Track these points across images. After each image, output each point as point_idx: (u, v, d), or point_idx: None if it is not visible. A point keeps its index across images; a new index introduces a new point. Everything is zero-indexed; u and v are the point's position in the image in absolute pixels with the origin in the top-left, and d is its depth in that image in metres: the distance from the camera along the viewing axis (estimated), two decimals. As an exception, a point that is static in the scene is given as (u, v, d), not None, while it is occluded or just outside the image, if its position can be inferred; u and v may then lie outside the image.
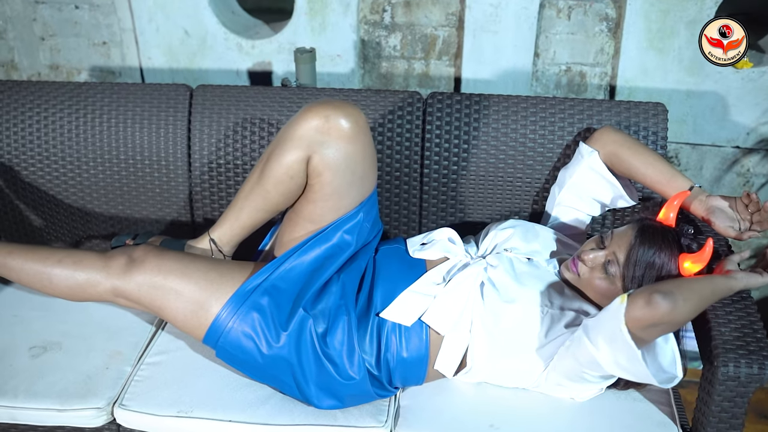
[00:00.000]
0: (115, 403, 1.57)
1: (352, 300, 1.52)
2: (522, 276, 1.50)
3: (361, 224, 1.55)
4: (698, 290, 1.33)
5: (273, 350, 1.46)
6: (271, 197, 1.54)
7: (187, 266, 1.50)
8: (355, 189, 1.52)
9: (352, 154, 1.48)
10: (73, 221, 2.00)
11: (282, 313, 1.47)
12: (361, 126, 1.49)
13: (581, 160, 1.66)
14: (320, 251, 1.53)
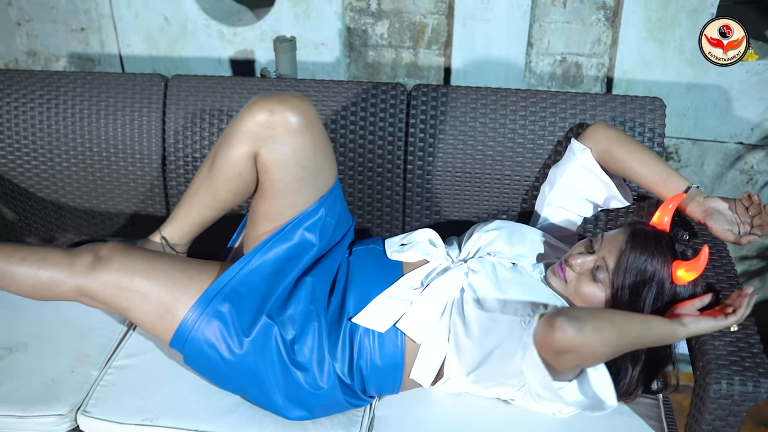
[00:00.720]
0: (78, 409, 1.50)
1: (323, 305, 1.44)
2: (504, 283, 1.42)
3: (323, 221, 1.47)
4: (619, 325, 1.24)
5: (236, 358, 1.39)
6: (220, 194, 1.47)
7: (153, 267, 1.43)
8: (309, 185, 1.44)
9: (300, 149, 1.40)
10: (46, 215, 1.93)
11: (244, 320, 1.40)
12: (309, 119, 1.41)
13: (573, 158, 1.57)
14: (281, 251, 1.45)
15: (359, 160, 1.75)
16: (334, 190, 1.50)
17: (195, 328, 1.38)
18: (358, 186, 1.78)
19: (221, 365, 1.40)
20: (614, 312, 1.29)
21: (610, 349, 1.23)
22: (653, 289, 1.34)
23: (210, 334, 1.39)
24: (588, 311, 1.25)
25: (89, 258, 1.44)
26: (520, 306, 1.38)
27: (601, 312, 1.27)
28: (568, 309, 1.25)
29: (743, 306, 1.27)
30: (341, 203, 1.55)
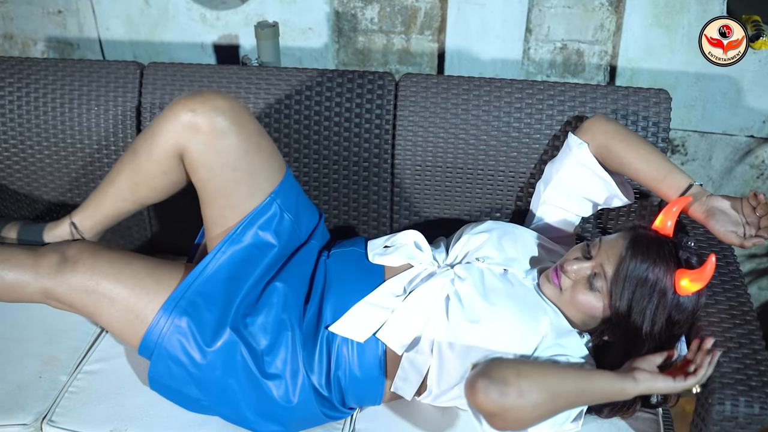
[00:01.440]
0: (44, 418, 1.43)
1: (296, 313, 1.35)
2: (492, 293, 1.32)
3: (278, 218, 1.38)
4: (552, 387, 1.14)
5: (202, 372, 1.31)
6: (139, 190, 1.39)
7: (122, 270, 1.35)
8: (247, 185, 1.35)
9: (226, 150, 1.31)
10: (20, 206, 1.85)
11: (205, 332, 1.31)
12: (233, 118, 1.31)
13: (569, 154, 1.47)
14: (235, 255, 1.36)
15: (344, 153, 1.65)
16: (284, 185, 1.40)
17: (162, 335, 1.31)
18: (343, 181, 1.68)
19: (188, 380, 1.32)
20: (547, 370, 1.18)
21: (540, 413, 1.13)
22: (654, 299, 1.24)
23: (175, 343, 1.31)
24: (516, 370, 1.13)
25: (55, 258, 1.36)
26: (507, 318, 1.28)
27: (531, 370, 1.15)
28: (495, 366, 1.14)
29: (704, 366, 1.17)
30: (299, 198, 1.45)
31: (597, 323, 1.31)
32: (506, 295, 1.32)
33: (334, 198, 1.71)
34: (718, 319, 1.28)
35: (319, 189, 1.70)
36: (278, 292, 1.36)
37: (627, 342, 1.28)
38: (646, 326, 1.25)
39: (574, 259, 1.32)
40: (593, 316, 1.30)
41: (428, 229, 1.68)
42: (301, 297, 1.37)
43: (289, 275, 1.39)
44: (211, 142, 1.31)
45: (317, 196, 1.71)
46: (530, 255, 1.44)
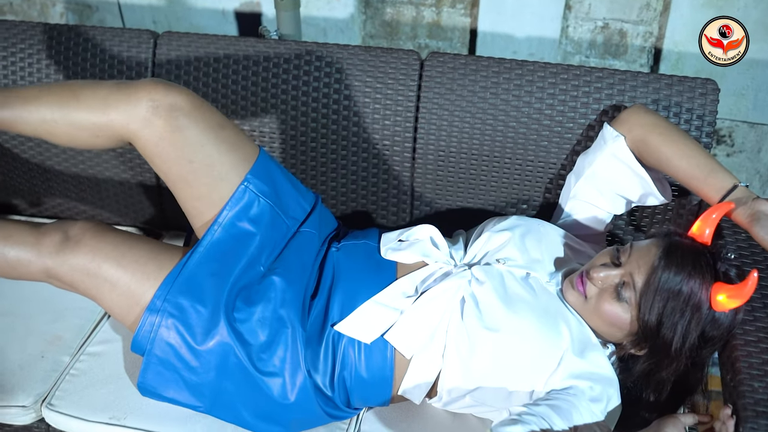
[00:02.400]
0: (43, 401, 1.39)
1: (296, 309, 1.28)
2: (513, 299, 1.24)
3: (255, 205, 1.31)
4: None
5: (196, 374, 1.26)
6: (59, 130, 1.28)
7: (124, 254, 1.29)
8: (207, 177, 1.29)
9: (181, 143, 1.26)
10: (32, 177, 1.80)
11: (196, 332, 1.25)
12: (192, 116, 1.27)
13: (603, 146, 1.36)
14: (214, 250, 1.29)
15: (364, 135, 1.56)
16: (257, 171, 1.33)
17: (155, 328, 1.25)
18: (362, 164, 1.60)
19: (181, 386, 1.27)
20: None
21: None
22: (687, 314, 1.14)
23: (166, 342, 1.26)
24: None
25: (58, 238, 1.30)
26: (528, 329, 1.20)
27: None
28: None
29: None
30: (279, 182, 1.37)
31: (623, 336, 1.22)
32: (528, 302, 1.23)
33: (352, 181, 1.62)
34: (756, 338, 1.18)
35: (337, 171, 1.62)
36: (275, 286, 1.28)
37: (654, 357, 1.20)
38: (676, 342, 1.16)
39: (602, 266, 1.22)
40: (619, 328, 1.21)
41: (449, 219, 1.61)
42: (300, 292, 1.30)
43: (286, 268, 1.32)
44: (165, 136, 1.25)
45: (334, 178, 1.63)
46: (555, 256, 1.34)
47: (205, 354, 1.25)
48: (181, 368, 1.26)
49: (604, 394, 1.18)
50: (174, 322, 1.24)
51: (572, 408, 1.14)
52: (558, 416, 1.11)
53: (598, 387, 1.18)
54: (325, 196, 1.65)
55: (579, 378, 1.18)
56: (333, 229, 1.48)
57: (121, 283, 1.28)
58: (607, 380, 1.20)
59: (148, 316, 1.25)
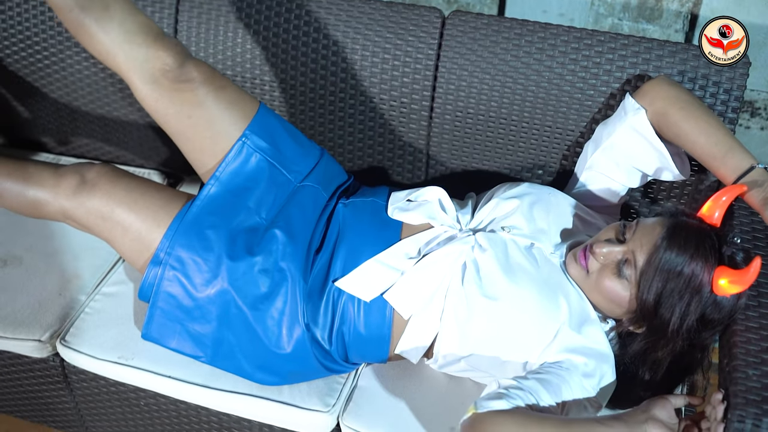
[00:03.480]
0: (58, 337, 1.45)
1: (298, 263, 1.29)
2: (514, 269, 1.23)
3: (253, 160, 1.34)
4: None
5: (198, 322, 1.29)
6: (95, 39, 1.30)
7: (137, 200, 1.33)
8: (207, 131, 1.33)
9: (179, 101, 1.31)
10: (60, 117, 1.84)
11: (197, 281, 1.28)
12: (200, 81, 1.31)
13: (624, 118, 1.32)
14: (210, 203, 1.32)
15: (381, 91, 1.55)
16: (256, 126, 1.35)
17: (155, 288, 1.29)
18: (379, 120, 1.58)
19: (184, 335, 1.31)
20: (551, 425, 1.05)
21: None
22: (686, 296, 1.13)
23: (169, 289, 1.29)
24: (516, 423, 1.04)
25: (75, 180, 1.34)
26: (527, 301, 1.20)
27: (533, 424, 1.04)
28: (493, 419, 1.05)
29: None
30: (280, 136, 1.38)
31: (622, 312, 1.21)
32: (529, 273, 1.23)
33: (369, 137, 1.62)
34: (758, 324, 1.15)
35: (354, 126, 1.61)
36: (277, 240, 1.30)
37: (651, 337, 1.19)
38: (673, 323, 1.14)
39: (606, 241, 1.20)
40: (618, 305, 1.20)
41: (463, 180, 1.59)
42: (303, 245, 1.31)
43: (287, 222, 1.33)
44: (164, 95, 1.29)
45: (351, 133, 1.62)
46: (563, 227, 1.33)
47: (207, 304, 1.28)
48: (184, 319, 1.29)
49: (598, 370, 1.18)
50: (175, 275, 1.27)
51: (563, 383, 1.14)
52: (546, 391, 1.12)
53: (592, 362, 1.18)
54: (341, 150, 1.65)
55: (574, 352, 1.18)
56: (342, 182, 1.48)
57: (132, 228, 1.32)
58: (603, 356, 1.20)
59: (151, 268, 1.28)
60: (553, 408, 1.11)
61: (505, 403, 1.06)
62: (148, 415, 1.49)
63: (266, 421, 1.35)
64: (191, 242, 1.28)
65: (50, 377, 1.52)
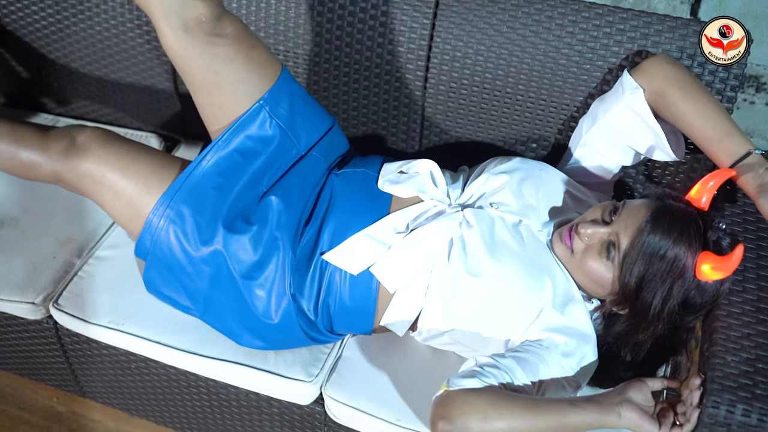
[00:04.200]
0: (52, 300, 1.48)
1: (289, 233, 1.30)
2: (499, 246, 1.23)
3: (268, 126, 1.32)
4: (531, 425, 1.04)
5: (191, 279, 1.30)
6: None
7: (128, 165, 1.32)
8: (231, 90, 1.30)
9: (210, 55, 1.27)
10: (59, 77, 1.84)
11: (193, 240, 1.28)
12: (234, 40, 1.28)
13: (621, 96, 1.29)
14: (219, 162, 1.30)
15: (377, 59, 1.52)
16: (276, 92, 1.32)
17: (155, 234, 1.29)
18: (374, 89, 1.57)
19: (178, 288, 1.32)
20: (521, 411, 1.05)
21: None
22: (668, 280, 1.12)
23: (164, 248, 1.30)
24: (483, 415, 1.03)
25: (65, 143, 1.34)
26: (510, 279, 1.20)
27: (500, 416, 1.04)
28: (460, 407, 1.05)
29: (692, 421, 1.07)
30: (297, 105, 1.36)
31: (605, 293, 1.21)
32: (514, 251, 1.22)
33: (363, 105, 1.60)
34: (740, 310, 1.15)
35: (348, 94, 1.59)
36: (272, 208, 1.30)
37: (634, 319, 1.18)
38: (655, 307, 1.14)
39: (591, 221, 1.19)
40: (602, 286, 1.20)
41: (458, 150, 1.58)
42: (296, 216, 1.31)
43: (286, 191, 1.33)
44: (195, 45, 1.26)
45: (346, 101, 1.61)
46: (553, 204, 1.31)
47: (200, 263, 1.29)
48: (179, 272, 1.30)
49: (578, 350, 1.18)
50: (174, 228, 1.28)
51: (540, 361, 1.15)
52: (522, 370, 1.12)
53: (573, 342, 1.18)
54: (336, 117, 1.64)
55: (555, 332, 1.18)
56: (342, 153, 1.48)
57: (124, 193, 1.31)
58: (584, 336, 1.20)
59: (151, 219, 1.28)
60: (528, 387, 1.12)
61: (477, 382, 1.07)
62: (139, 377, 1.52)
63: (251, 388, 1.37)
64: (195, 199, 1.28)
65: (44, 338, 1.55)
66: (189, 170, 1.29)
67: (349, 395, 1.31)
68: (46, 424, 1.74)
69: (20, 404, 1.78)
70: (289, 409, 1.40)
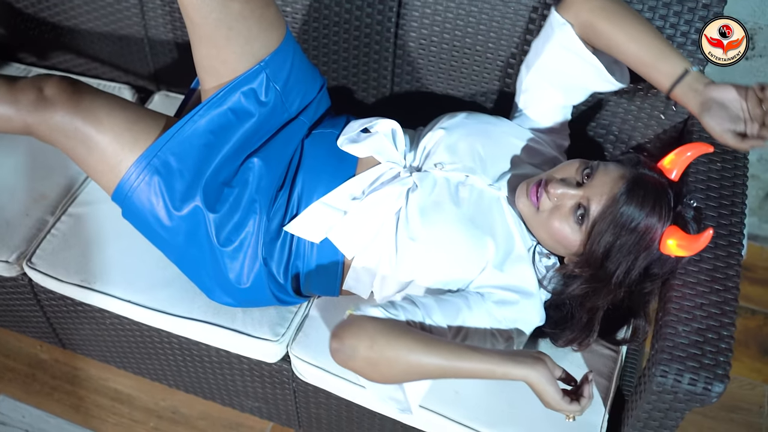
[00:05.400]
0: (25, 258, 1.50)
1: (267, 197, 1.30)
2: (433, 209, 1.22)
3: (264, 89, 1.28)
4: (419, 360, 1.05)
5: (167, 233, 1.29)
6: None
7: (101, 120, 1.27)
8: (238, 46, 1.24)
9: (227, 8, 1.20)
10: (30, 27, 1.81)
11: (175, 195, 1.27)
12: None
13: (551, 35, 1.27)
14: (212, 120, 1.27)
15: (346, 11, 1.49)
16: (278, 56, 1.28)
17: (132, 190, 1.27)
18: (343, 45, 1.54)
19: (155, 230, 1.31)
20: (412, 346, 1.06)
21: (395, 380, 1.09)
22: (634, 251, 1.12)
23: (144, 200, 1.28)
24: (371, 341, 1.05)
25: (32, 95, 1.29)
26: (440, 242, 1.20)
27: (387, 345, 1.05)
28: (352, 330, 1.07)
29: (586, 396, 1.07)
30: (295, 69, 1.32)
31: (566, 253, 1.21)
32: (448, 213, 1.22)
33: (333, 61, 1.58)
34: (695, 280, 1.15)
35: (318, 49, 1.57)
36: (254, 171, 1.29)
37: (593, 283, 1.18)
38: (617, 276, 1.14)
39: (561, 181, 1.17)
40: (564, 246, 1.19)
41: (429, 107, 1.56)
42: (273, 181, 1.31)
43: (268, 154, 1.31)
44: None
45: (316, 56, 1.58)
46: (503, 157, 1.30)
47: (178, 219, 1.28)
48: (155, 224, 1.29)
49: (516, 303, 1.18)
50: (158, 180, 1.25)
51: (465, 307, 1.15)
52: (441, 311, 1.13)
53: (511, 295, 1.18)
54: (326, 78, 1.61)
55: (496, 287, 1.19)
56: (323, 112, 1.45)
57: (96, 149, 1.28)
58: (526, 293, 1.20)
59: (131, 172, 1.25)
60: (443, 329, 1.13)
61: (381, 312, 1.10)
62: (114, 332, 1.55)
63: (219, 346, 1.40)
64: (183, 153, 1.25)
65: (21, 294, 1.58)
66: (182, 122, 1.26)
67: (314, 355, 1.34)
68: (30, 371, 1.79)
69: (4, 352, 1.82)
70: (258, 365, 1.43)
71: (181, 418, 1.71)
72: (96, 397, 1.75)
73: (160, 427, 1.70)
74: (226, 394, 1.59)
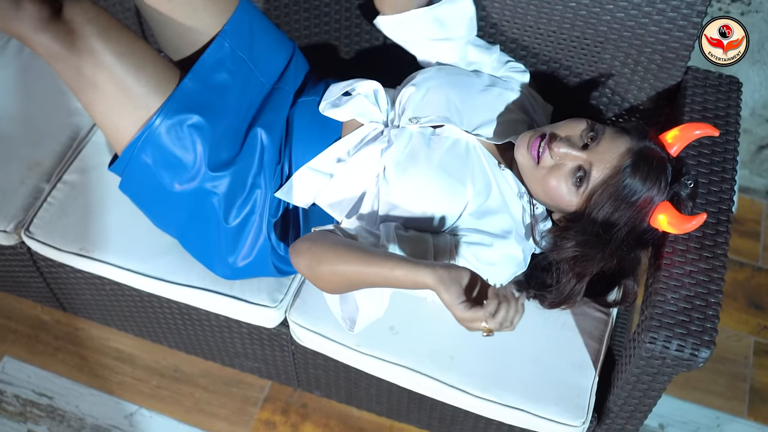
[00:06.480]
0: (22, 228, 1.50)
1: (270, 171, 1.30)
2: (407, 161, 1.23)
3: (230, 59, 1.28)
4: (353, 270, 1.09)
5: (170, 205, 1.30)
6: None
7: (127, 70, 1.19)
8: (186, 18, 1.25)
9: None
10: None
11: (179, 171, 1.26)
12: None
13: None
14: (194, 100, 1.24)
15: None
16: (235, 23, 1.28)
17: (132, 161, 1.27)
18: (335, 6, 1.52)
19: (157, 200, 1.31)
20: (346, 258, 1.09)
21: (339, 290, 1.16)
22: (631, 221, 1.14)
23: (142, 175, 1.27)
24: (311, 256, 1.13)
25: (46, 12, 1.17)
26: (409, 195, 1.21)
27: (325, 259, 1.11)
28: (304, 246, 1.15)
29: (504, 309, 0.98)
30: (259, 34, 1.32)
31: (557, 210, 1.22)
32: (422, 163, 1.22)
33: (316, 25, 1.55)
34: (685, 247, 1.18)
35: (299, 4, 1.54)
36: (258, 143, 1.29)
37: (584, 248, 1.19)
38: (612, 245, 1.15)
39: (566, 140, 1.15)
40: (557, 205, 1.19)
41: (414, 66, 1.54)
42: (276, 153, 1.31)
43: (266, 121, 1.31)
44: None
45: (297, 12, 1.56)
46: (481, 108, 1.29)
47: (183, 194, 1.27)
48: (156, 197, 1.30)
49: (491, 246, 1.18)
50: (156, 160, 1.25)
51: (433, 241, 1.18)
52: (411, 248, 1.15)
53: (487, 238, 1.19)
54: (287, 29, 1.60)
55: (470, 231, 1.20)
56: (304, 76, 1.44)
57: (104, 100, 1.22)
58: (501, 237, 1.20)
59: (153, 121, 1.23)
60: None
61: (332, 227, 1.18)
62: (114, 297, 1.58)
63: (218, 312, 1.43)
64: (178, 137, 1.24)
65: (21, 261, 1.60)
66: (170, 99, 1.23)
67: (311, 320, 1.37)
68: (33, 333, 1.83)
69: (6, 314, 1.85)
70: (257, 330, 1.46)
71: (183, 376, 1.75)
72: (99, 357, 1.78)
73: (162, 385, 1.74)
74: (227, 356, 1.63)
